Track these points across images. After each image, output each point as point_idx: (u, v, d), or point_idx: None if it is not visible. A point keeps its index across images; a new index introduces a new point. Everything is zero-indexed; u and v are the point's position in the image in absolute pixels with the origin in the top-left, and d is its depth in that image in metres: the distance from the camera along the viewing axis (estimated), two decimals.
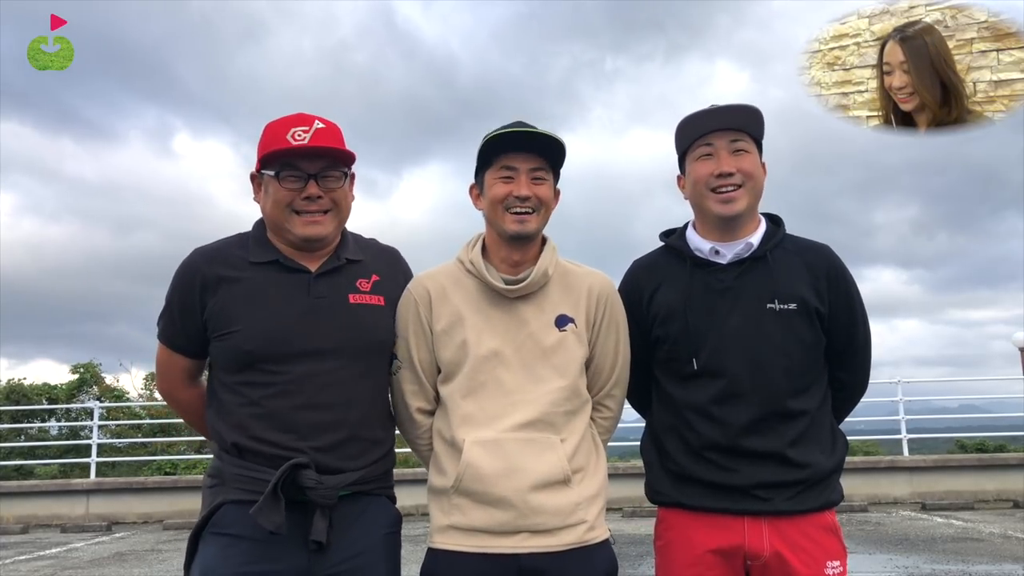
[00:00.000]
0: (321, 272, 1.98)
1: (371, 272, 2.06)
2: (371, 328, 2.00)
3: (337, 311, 1.95)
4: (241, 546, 1.83)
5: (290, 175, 1.93)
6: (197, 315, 1.95)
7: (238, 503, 1.85)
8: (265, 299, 1.93)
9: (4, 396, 16.69)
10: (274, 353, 1.88)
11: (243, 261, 1.97)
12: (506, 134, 2.03)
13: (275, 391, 1.88)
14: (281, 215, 1.95)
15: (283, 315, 1.91)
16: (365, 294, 2.01)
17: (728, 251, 2.09)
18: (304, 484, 1.82)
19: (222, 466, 1.92)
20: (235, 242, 2.03)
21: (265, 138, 1.96)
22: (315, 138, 1.92)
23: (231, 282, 1.94)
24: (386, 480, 2.05)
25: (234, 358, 1.91)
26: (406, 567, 2.07)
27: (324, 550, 1.84)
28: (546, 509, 1.94)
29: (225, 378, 1.94)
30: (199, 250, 2.02)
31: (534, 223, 2.04)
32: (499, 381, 2.01)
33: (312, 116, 1.96)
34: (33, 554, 8.43)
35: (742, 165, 2.06)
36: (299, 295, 1.94)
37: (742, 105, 2.11)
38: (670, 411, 2.12)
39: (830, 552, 2.01)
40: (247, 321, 1.90)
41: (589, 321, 2.10)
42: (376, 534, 1.96)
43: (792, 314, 2.04)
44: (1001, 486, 10.60)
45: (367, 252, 2.10)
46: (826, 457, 2.04)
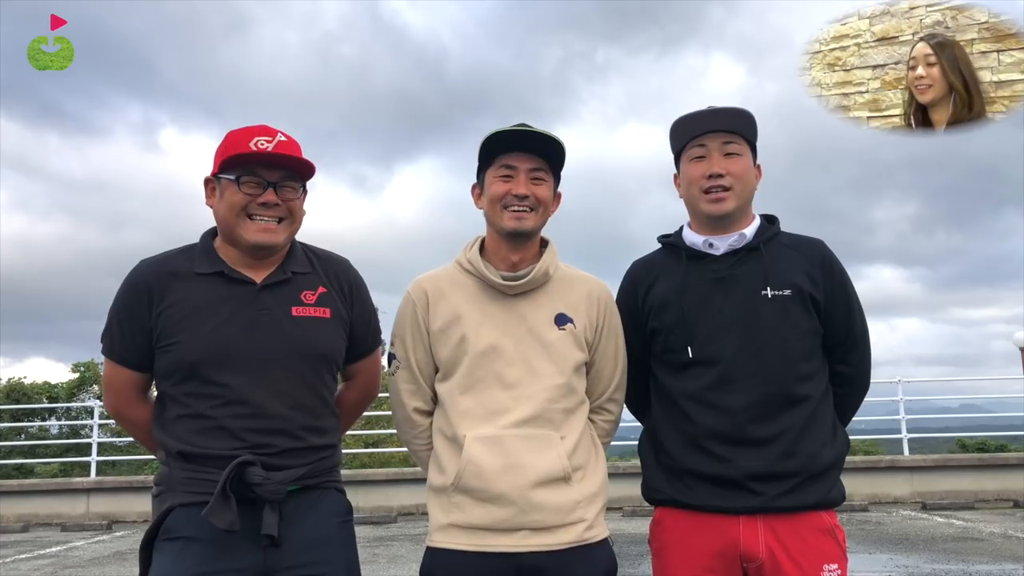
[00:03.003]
0: (266, 284, 1.99)
1: (317, 284, 2.05)
2: (314, 341, 1.99)
3: (281, 324, 1.96)
4: (195, 548, 1.83)
5: (250, 180, 1.94)
6: (145, 326, 1.94)
7: (187, 506, 1.85)
8: (209, 310, 1.93)
9: (4, 395, 16.72)
10: (217, 364, 1.89)
11: (188, 272, 1.98)
12: (506, 133, 2.05)
13: (220, 402, 1.88)
14: (235, 219, 1.95)
15: (226, 326, 1.91)
16: (310, 306, 2.01)
17: (722, 243, 2.13)
18: (251, 481, 1.82)
19: (169, 472, 1.92)
20: (181, 253, 2.03)
21: (226, 144, 1.98)
22: (278, 148, 1.94)
23: (176, 292, 1.94)
24: (333, 474, 2.05)
25: (177, 369, 1.91)
26: (406, 566, 2.07)
27: (278, 545, 1.85)
28: (546, 506, 1.94)
29: (170, 390, 1.94)
30: (145, 261, 2.02)
31: (531, 221, 2.05)
32: (498, 375, 2.02)
33: (276, 129, 1.98)
34: (33, 553, 8.44)
35: (732, 167, 2.10)
36: (243, 307, 1.95)
37: (735, 108, 2.17)
38: (667, 404, 2.13)
39: (827, 555, 1.99)
40: (190, 332, 1.90)
41: (592, 325, 2.12)
42: (330, 524, 1.97)
43: (786, 300, 2.05)
44: (1002, 486, 10.60)
45: (315, 263, 2.10)
46: (826, 449, 2.04)
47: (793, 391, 2.02)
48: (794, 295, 2.06)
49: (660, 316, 2.13)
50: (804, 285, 2.07)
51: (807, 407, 2.03)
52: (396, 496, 10.62)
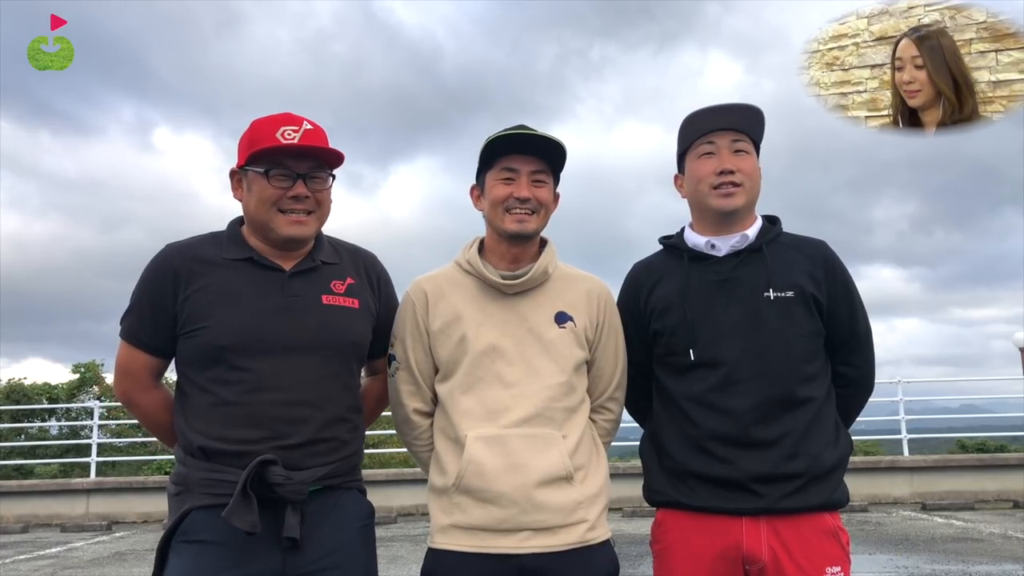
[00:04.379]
0: (295, 271, 1.98)
1: (346, 275, 2.05)
2: (343, 330, 1.98)
3: (310, 310, 1.95)
4: (213, 552, 1.80)
5: (279, 173, 1.92)
6: (169, 310, 1.92)
7: (206, 508, 1.82)
8: (238, 295, 1.91)
9: (4, 396, 16.71)
10: (246, 349, 1.87)
11: (217, 257, 1.96)
12: (507, 136, 2.05)
13: (246, 387, 1.86)
14: (266, 213, 1.94)
15: (256, 311, 1.90)
16: (339, 296, 2.00)
17: (724, 244, 2.12)
18: (272, 481, 1.79)
19: (187, 472, 1.89)
20: (208, 239, 2.02)
21: (252, 135, 1.95)
22: (305, 138, 1.92)
23: (204, 277, 1.92)
24: (355, 474, 2.04)
25: (205, 354, 1.88)
26: (406, 567, 2.07)
27: (298, 547, 1.82)
28: (548, 506, 1.94)
29: (195, 376, 1.91)
30: (172, 245, 2.00)
31: (533, 223, 2.06)
32: (499, 375, 2.02)
33: (301, 117, 1.96)
34: (33, 553, 8.43)
35: (742, 165, 2.09)
36: (273, 293, 1.93)
37: (746, 105, 2.15)
38: (670, 406, 2.12)
39: (830, 557, 1.98)
40: (220, 317, 1.88)
41: (592, 323, 2.12)
42: (351, 528, 1.95)
43: (789, 301, 2.05)
44: (1002, 486, 10.60)
45: (342, 255, 2.09)
46: (829, 451, 2.03)
47: (796, 393, 2.02)
48: (797, 296, 2.05)
49: (662, 319, 2.13)
50: (807, 286, 2.06)
51: (810, 409, 2.03)
52: (396, 497, 10.61)
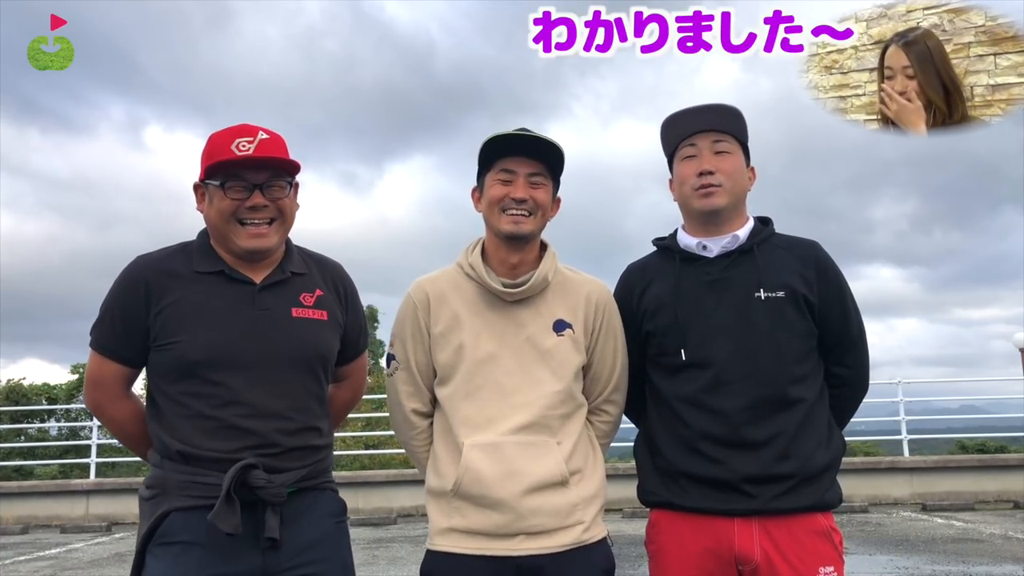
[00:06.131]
0: (266, 284, 1.99)
1: (315, 287, 2.06)
2: (312, 344, 2.00)
3: (280, 324, 1.96)
4: (194, 553, 1.83)
5: (235, 185, 1.93)
6: (141, 322, 1.93)
7: (185, 511, 1.84)
8: (210, 310, 1.93)
9: (4, 396, 16.71)
10: (218, 364, 1.88)
11: (188, 271, 1.97)
12: (505, 137, 2.06)
13: (220, 401, 1.88)
14: (226, 225, 1.95)
15: (227, 326, 1.91)
16: (308, 308, 2.01)
17: (715, 245, 2.13)
18: (254, 484, 1.82)
19: (164, 474, 1.91)
20: (178, 251, 2.03)
21: (209, 148, 1.97)
22: (259, 148, 1.92)
23: (175, 292, 1.94)
24: (327, 475, 2.07)
25: (177, 368, 1.90)
26: (406, 567, 2.08)
27: (277, 546, 1.85)
28: (543, 511, 1.95)
29: (167, 388, 1.93)
30: (143, 257, 2.01)
31: (529, 225, 2.06)
32: (497, 384, 2.02)
33: (256, 127, 1.97)
34: (33, 555, 8.44)
35: (722, 165, 2.10)
36: (244, 306, 1.95)
37: (722, 105, 2.17)
38: (662, 407, 2.13)
39: (823, 557, 1.99)
40: (191, 332, 1.90)
41: (587, 328, 2.12)
42: (327, 524, 1.99)
43: (780, 302, 2.05)
44: (1002, 487, 10.60)
45: (310, 266, 2.10)
46: (821, 451, 2.04)
47: (787, 393, 2.02)
48: (788, 297, 2.06)
49: (654, 319, 2.14)
50: (798, 287, 2.07)
51: (801, 409, 2.03)
52: (396, 498, 10.62)
